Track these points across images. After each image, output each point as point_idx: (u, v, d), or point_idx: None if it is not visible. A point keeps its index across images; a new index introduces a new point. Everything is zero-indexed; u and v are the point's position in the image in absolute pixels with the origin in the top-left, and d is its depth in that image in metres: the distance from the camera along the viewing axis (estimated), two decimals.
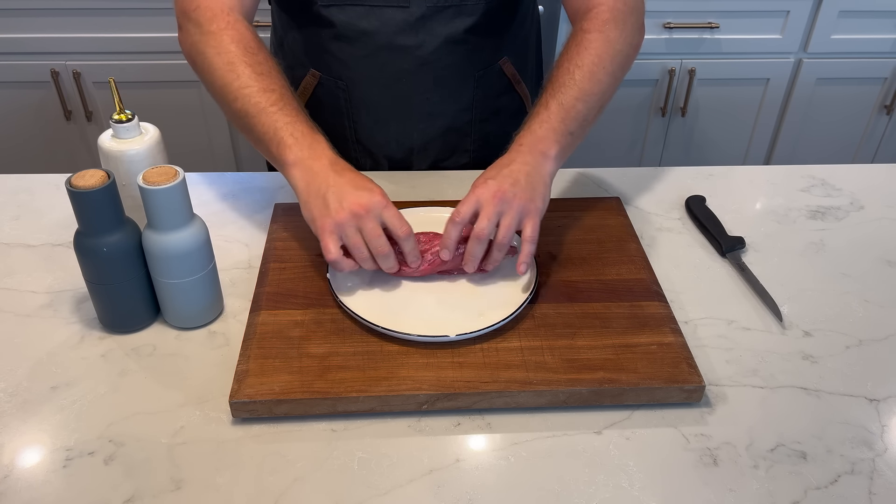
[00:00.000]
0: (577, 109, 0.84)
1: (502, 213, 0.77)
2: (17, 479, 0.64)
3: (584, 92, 0.85)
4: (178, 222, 0.73)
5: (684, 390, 0.71)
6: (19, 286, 0.84)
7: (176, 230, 0.73)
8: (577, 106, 0.84)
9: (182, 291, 0.76)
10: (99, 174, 0.70)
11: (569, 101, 0.84)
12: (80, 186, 0.69)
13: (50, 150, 1.96)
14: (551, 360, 0.72)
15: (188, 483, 0.64)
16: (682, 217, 0.98)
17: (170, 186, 0.70)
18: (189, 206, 0.74)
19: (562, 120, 0.83)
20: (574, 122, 0.84)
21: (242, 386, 0.69)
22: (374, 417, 0.70)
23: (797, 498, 0.64)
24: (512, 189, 0.78)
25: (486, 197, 0.77)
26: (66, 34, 1.78)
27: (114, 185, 0.71)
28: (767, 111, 1.99)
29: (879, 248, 0.93)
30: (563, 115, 0.84)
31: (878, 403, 0.72)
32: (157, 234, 0.72)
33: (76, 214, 0.71)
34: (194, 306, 0.78)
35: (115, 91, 0.80)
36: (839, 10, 1.84)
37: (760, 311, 0.83)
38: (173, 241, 0.73)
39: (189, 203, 0.73)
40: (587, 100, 0.85)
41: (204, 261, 0.76)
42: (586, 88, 0.85)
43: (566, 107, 0.84)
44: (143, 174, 0.71)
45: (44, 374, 0.74)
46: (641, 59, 1.88)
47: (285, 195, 1.00)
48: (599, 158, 2.04)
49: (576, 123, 0.84)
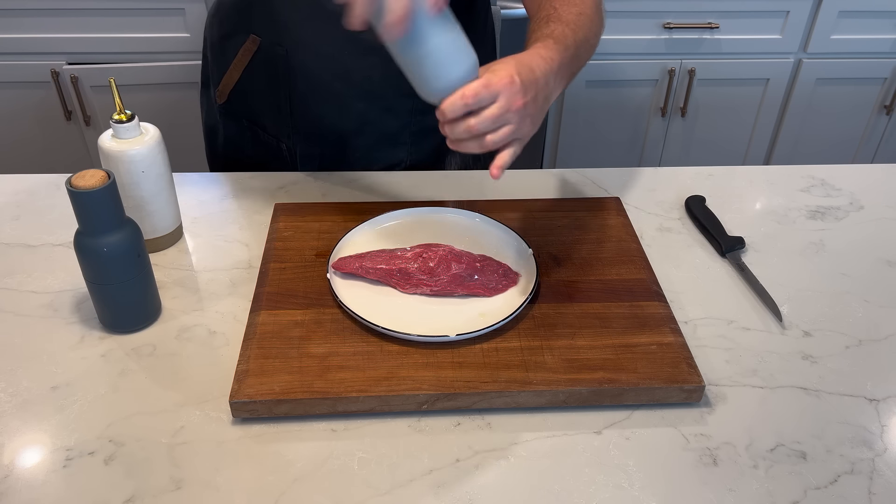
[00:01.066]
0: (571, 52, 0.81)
1: (509, 124, 0.72)
2: (17, 479, 0.64)
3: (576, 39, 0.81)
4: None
5: (684, 390, 0.71)
6: (19, 286, 0.84)
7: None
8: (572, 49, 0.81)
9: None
10: (99, 174, 0.70)
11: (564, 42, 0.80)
12: (81, 186, 0.69)
13: (50, 151, 1.96)
14: (551, 360, 0.73)
15: (188, 483, 0.64)
16: (682, 217, 0.98)
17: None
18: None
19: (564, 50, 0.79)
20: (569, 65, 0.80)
21: (242, 386, 0.69)
22: (374, 417, 0.70)
23: (797, 498, 0.64)
24: (533, 104, 0.73)
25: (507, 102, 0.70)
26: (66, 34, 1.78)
27: (114, 185, 0.71)
28: (767, 111, 1.99)
29: (879, 248, 0.93)
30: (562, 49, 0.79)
31: (878, 403, 0.72)
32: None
33: (76, 214, 0.71)
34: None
35: (115, 91, 0.80)
36: (839, 11, 1.84)
37: (760, 311, 0.83)
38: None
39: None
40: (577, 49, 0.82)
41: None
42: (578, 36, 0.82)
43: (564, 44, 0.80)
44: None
45: (44, 374, 0.74)
46: (641, 59, 1.88)
47: (285, 195, 1.00)
48: (599, 158, 2.04)
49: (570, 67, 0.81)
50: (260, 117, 1.08)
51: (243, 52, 1.03)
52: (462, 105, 0.69)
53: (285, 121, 1.06)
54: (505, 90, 0.70)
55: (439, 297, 0.80)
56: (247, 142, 1.12)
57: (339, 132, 1.05)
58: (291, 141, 1.07)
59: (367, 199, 0.99)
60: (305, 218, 0.92)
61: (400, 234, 0.89)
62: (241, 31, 1.03)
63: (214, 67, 1.11)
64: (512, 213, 0.94)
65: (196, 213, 0.97)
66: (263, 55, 1.02)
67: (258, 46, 1.02)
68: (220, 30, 1.08)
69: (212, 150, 1.19)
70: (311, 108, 1.04)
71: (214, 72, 1.11)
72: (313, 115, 1.04)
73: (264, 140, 1.10)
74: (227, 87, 1.09)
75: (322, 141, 1.07)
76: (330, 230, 0.90)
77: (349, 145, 1.06)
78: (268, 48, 1.01)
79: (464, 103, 0.69)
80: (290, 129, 1.06)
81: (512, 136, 0.73)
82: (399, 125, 1.06)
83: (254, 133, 1.10)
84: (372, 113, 1.04)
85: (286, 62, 1.01)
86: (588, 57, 0.86)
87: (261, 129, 1.09)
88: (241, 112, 1.10)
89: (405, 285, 0.80)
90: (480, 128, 0.70)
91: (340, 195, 1.00)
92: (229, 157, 1.15)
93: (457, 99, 0.69)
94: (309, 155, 1.07)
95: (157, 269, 0.85)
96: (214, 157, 1.19)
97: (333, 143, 1.07)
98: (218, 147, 1.17)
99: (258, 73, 1.04)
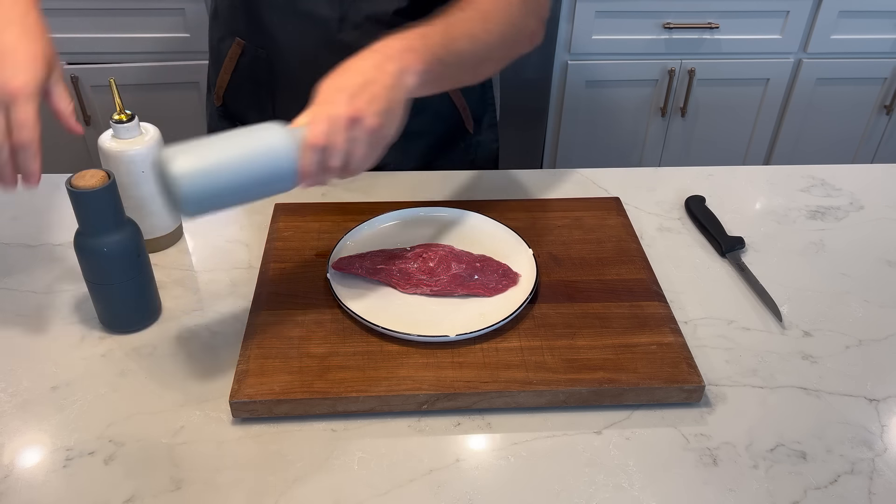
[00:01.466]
0: (460, 45, 0.76)
1: (356, 139, 0.67)
2: (17, 479, 0.64)
3: (475, 33, 0.78)
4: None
5: (684, 390, 0.71)
6: (19, 286, 0.84)
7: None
8: (462, 42, 0.76)
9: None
10: (99, 174, 0.70)
11: (457, 32, 0.76)
12: (81, 186, 0.69)
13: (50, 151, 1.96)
14: (551, 360, 0.73)
15: (188, 483, 0.64)
16: (682, 217, 0.98)
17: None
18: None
19: (443, 45, 0.74)
20: (453, 56, 0.75)
21: (242, 386, 0.69)
22: (374, 417, 0.70)
23: (797, 498, 0.64)
24: (370, 108, 0.67)
25: (339, 123, 0.66)
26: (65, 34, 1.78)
27: (114, 185, 0.71)
28: (767, 111, 1.99)
29: (879, 248, 0.93)
30: (446, 41, 0.75)
31: (878, 403, 0.72)
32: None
33: (76, 214, 0.71)
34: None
35: (115, 91, 0.80)
36: (839, 11, 1.84)
37: (760, 311, 0.83)
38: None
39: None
40: (475, 42, 0.77)
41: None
42: (477, 30, 0.78)
43: (452, 36, 0.76)
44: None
45: (44, 374, 0.74)
46: (641, 59, 1.88)
47: (285, 195, 1.00)
48: (599, 158, 2.04)
49: (454, 58, 0.75)
50: (249, 119, 1.09)
51: (230, 55, 1.05)
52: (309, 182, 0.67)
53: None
54: (327, 137, 0.66)
55: (439, 297, 0.80)
56: None
57: None
58: None
59: (367, 199, 0.99)
60: (305, 218, 0.92)
61: (400, 234, 0.89)
62: (230, 34, 1.05)
63: (212, 70, 1.13)
64: (512, 212, 0.94)
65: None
66: (248, 58, 1.03)
67: (242, 49, 1.03)
68: (216, 32, 1.09)
69: None
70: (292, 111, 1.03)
71: (212, 74, 1.13)
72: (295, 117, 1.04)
73: None
74: (221, 90, 1.10)
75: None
76: (330, 230, 0.90)
77: None
78: (251, 51, 1.02)
79: (308, 181, 0.67)
80: None
81: (370, 152, 0.69)
82: None
83: None
84: None
85: (268, 65, 1.01)
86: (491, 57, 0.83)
87: None
88: (234, 114, 1.12)
89: (405, 285, 0.80)
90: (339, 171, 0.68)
91: (340, 195, 1.00)
92: None
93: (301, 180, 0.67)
94: None
95: (157, 269, 0.85)
96: None
97: None
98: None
99: (244, 76, 1.05)
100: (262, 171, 0.64)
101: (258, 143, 0.65)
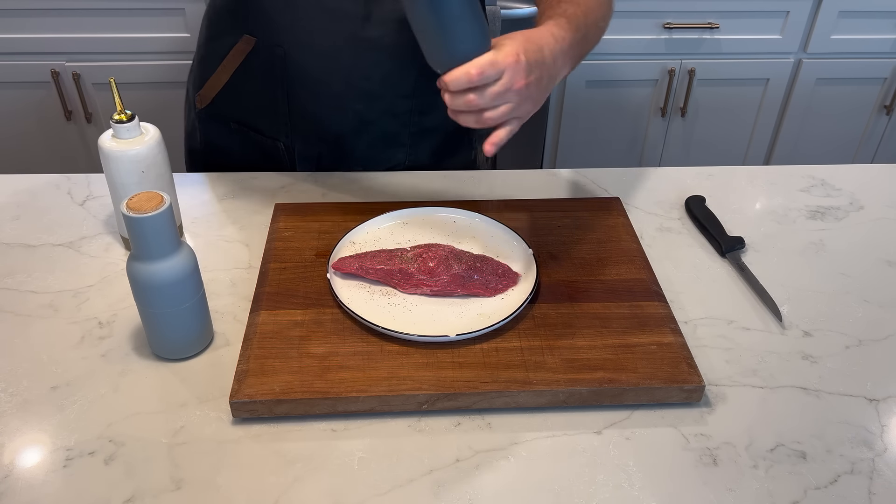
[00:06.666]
0: (587, 47, 0.82)
1: (509, 102, 0.73)
2: (17, 479, 0.64)
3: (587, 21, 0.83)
4: (164, 251, 0.69)
5: (684, 390, 0.71)
6: (19, 286, 0.84)
7: (161, 259, 0.69)
8: (588, 44, 0.83)
9: (166, 322, 0.72)
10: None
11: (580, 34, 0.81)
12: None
13: (50, 150, 1.97)
14: (551, 360, 0.73)
15: (188, 483, 0.64)
16: (682, 217, 0.98)
17: (153, 215, 0.66)
18: (175, 235, 0.70)
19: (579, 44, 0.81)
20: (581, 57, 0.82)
21: (242, 386, 0.69)
22: (374, 417, 0.70)
23: (797, 498, 0.64)
24: (536, 85, 0.74)
25: (510, 81, 0.71)
26: (66, 34, 1.78)
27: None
28: (767, 111, 1.99)
29: (879, 248, 0.93)
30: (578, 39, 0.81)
31: (878, 403, 0.72)
32: (141, 263, 0.69)
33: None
34: (180, 337, 0.74)
35: (115, 91, 0.80)
36: (839, 11, 1.84)
37: (760, 311, 0.83)
38: (158, 270, 0.69)
39: (175, 231, 0.70)
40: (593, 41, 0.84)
41: (189, 291, 0.72)
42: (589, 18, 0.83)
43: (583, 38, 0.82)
44: (127, 201, 0.67)
45: (44, 374, 0.74)
46: (641, 59, 1.88)
47: (285, 195, 1.00)
48: (599, 158, 2.04)
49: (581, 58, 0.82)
50: (253, 119, 1.08)
51: (234, 53, 1.03)
52: (466, 81, 0.70)
53: (282, 121, 1.05)
54: (510, 69, 0.71)
55: (439, 297, 0.80)
56: (234, 144, 1.11)
57: (337, 133, 1.05)
58: (289, 140, 1.07)
59: (367, 199, 0.99)
60: (305, 218, 0.92)
61: (400, 234, 0.89)
62: (231, 33, 1.03)
63: (199, 71, 1.10)
64: (512, 213, 0.94)
65: (196, 213, 0.97)
66: (259, 56, 1.02)
67: (252, 47, 1.01)
68: (207, 32, 1.07)
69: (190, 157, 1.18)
70: (308, 108, 1.03)
71: (198, 76, 1.10)
72: (311, 115, 1.04)
73: (256, 141, 1.09)
74: (213, 90, 1.07)
75: (320, 142, 1.06)
76: (330, 230, 0.90)
77: (347, 146, 1.06)
78: (264, 49, 1.01)
79: (468, 80, 0.70)
80: (287, 130, 1.06)
81: (510, 115, 0.74)
82: (398, 126, 1.06)
83: (243, 135, 1.10)
84: (371, 114, 1.04)
85: (283, 62, 1.00)
86: (596, 41, 0.88)
87: (253, 130, 1.08)
88: (230, 114, 1.09)
89: (405, 285, 0.80)
90: (480, 104, 0.71)
91: (340, 195, 1.00)
92: (210, 161, 1.15)
93: (462, 74, 0.69)
94: (307, 156, 1.07)
95: None
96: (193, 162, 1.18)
97: (332, 144, 1.06)
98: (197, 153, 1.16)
99: (252, 74, 1.03)
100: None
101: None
